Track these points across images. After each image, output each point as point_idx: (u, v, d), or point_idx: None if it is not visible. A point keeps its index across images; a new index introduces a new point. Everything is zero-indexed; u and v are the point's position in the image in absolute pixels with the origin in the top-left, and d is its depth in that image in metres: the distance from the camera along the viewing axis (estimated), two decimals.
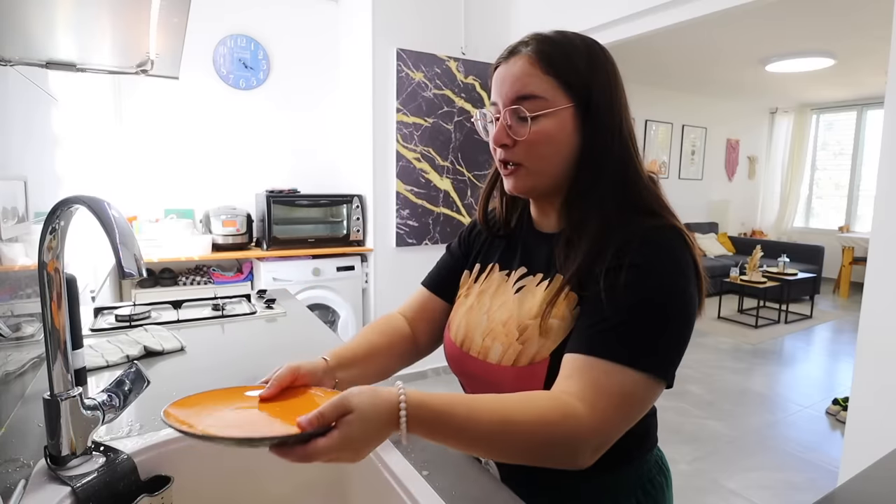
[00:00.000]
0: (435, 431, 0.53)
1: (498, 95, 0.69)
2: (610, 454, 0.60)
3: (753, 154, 7.47)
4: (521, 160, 0.68)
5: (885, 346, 1.67)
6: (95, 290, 1.93)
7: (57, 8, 0.73)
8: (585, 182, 0.67)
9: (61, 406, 0.62)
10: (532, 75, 0.66)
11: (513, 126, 0.67)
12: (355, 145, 3.42)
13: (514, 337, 0.69)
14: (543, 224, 0.76)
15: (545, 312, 0.67)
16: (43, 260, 0.61)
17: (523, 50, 0.67)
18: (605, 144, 0.67)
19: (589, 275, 0.64)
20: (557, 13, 3.13)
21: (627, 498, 0.72)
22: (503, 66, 0.69)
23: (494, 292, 0.76)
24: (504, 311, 0.72)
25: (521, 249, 0.77)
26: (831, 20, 3.71)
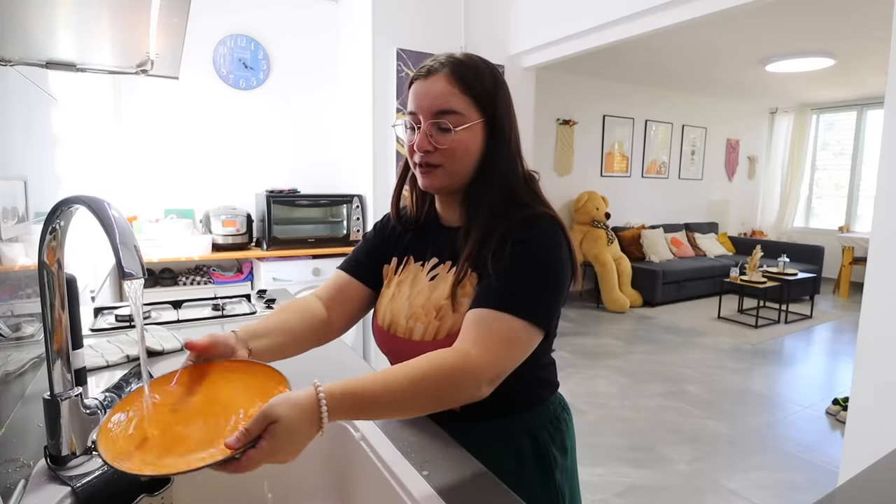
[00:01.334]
0: (356, 412, 0.62)
1: (418, 107, 0.80)
2: (523, 396, 0.85)
3: (753, 154, 7.47)
4: (440, 163, 0.80)
5: (885, 345, 1.67)
6: (95, 290, 1.93)
7: (57, 8, 0.73)
8: (483, 182, 0.82)
9: (61, 406, 0.62)
10: (452, 93, 0.78)
11: (433, 135, 0.79)
12: (355, 145, 3.42)
13: (432, 316, 0.82)
14: (448, 218, 0.90)
15: (454, 292, 0.80)
16: (43, 260, 0.61)
17: (441, 70, 0.79)
18: (501, 151, 0.82)
19: (479, 256, 0.78)
20: (557, 13, 3.13)
21: (540, 431, 0.87)
22: (422, 82, 0.80)
23: (412, 281, 0.88)
24: (422, 297, 0.84)
25: (432, 242, 0.90)
26: (831, 20, 3.71)
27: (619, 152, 6.09)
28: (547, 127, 5.43)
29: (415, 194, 0.93)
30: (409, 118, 0.83)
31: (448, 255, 0.86)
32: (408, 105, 0.83)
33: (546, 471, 0.87)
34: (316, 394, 0.58)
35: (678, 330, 4.60)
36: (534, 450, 0.86)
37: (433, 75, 0.79)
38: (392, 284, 0.90)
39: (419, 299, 0.84)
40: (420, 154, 0.80)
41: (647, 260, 5.70)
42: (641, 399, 3.11)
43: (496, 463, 0.77)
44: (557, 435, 0.89)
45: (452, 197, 0.87)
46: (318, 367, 1.08)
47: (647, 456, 2.46)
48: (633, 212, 6.21)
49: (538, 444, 0.86)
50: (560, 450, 0.89)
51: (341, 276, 0.96)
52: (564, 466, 0.89)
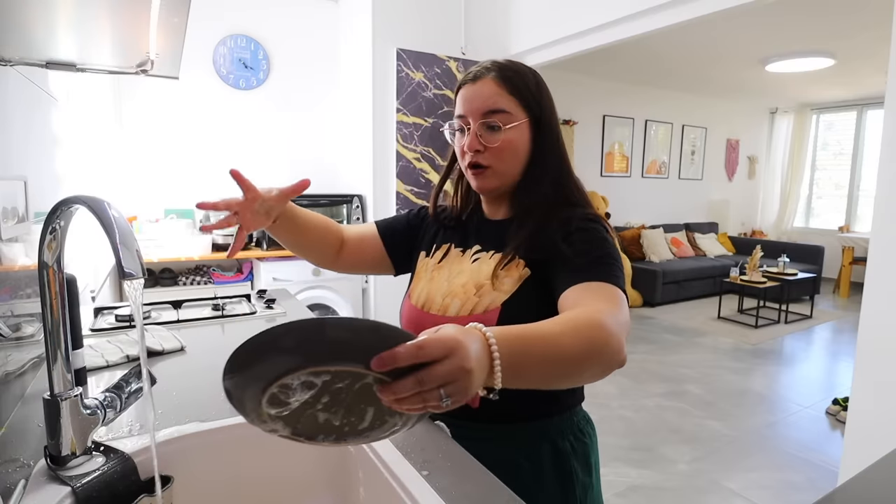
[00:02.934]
0: (522, 366, 0.52)
1: (467, 110, 0.83)
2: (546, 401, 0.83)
3: (753, 154, 7.47)
4: (490, 163, 0.83)
5: (885, 345, 1.67)
6: (95, 290, 1.93)
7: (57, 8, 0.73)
8: (534, 179, 0.85)
9: (61, 406, 0.62)
10: (499, 94, 0.82)
11: (483, 135, 0.83)
12: (355, 145, 3.42)
13: (471, 293, 0.84)
14: (494, 214, 0.93)
15: (498, 273, 0.82)
16: (43, 260, 0.61)
17: (488, 74, 0.83)
18: (551, 151, 0.86)
19: (533, 243, 0.81)
20: (557, 13, 3.13)
21: (562, 440, 0.85)
22: (470, 86, 0.84)
23: (453, 264, 0.91)
24: (463, 276, 0.87)
25: (475, 233, 0.93)
26: (831, 20, 3.71)
27: (619, 152, 6.09)
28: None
29: (460, 192, 0.97)
30: (457, 122, 0.86)
31: (493, 244, 0.87)
32: (456, 110, 0.86)
33: (566, 482, 0.84)
34: (485, 336, 0.49)
35: (678, 330, 4.60)
36: (554, 458, 0.84)
37: (481, 79, 0.83)
38: (430, 269, 0.93)
39: (460, 279, 0.86)
40: (471, 155, 0.83)
41: (647, 260, 5.70)
42: (641, 399, 3.11)
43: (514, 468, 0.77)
44: (580, 447, 0.87)
45: (501, 196, 0.90)
46: None
47: (647, 456, 2.46)
48: (633, 212, 6.20)
49: (559, 453, 0.84)
50: (582, 464, 0.86)
51: (370, 227, 1.03)
52: (587, 483, 0.86)
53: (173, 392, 0.93)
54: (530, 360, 0.53)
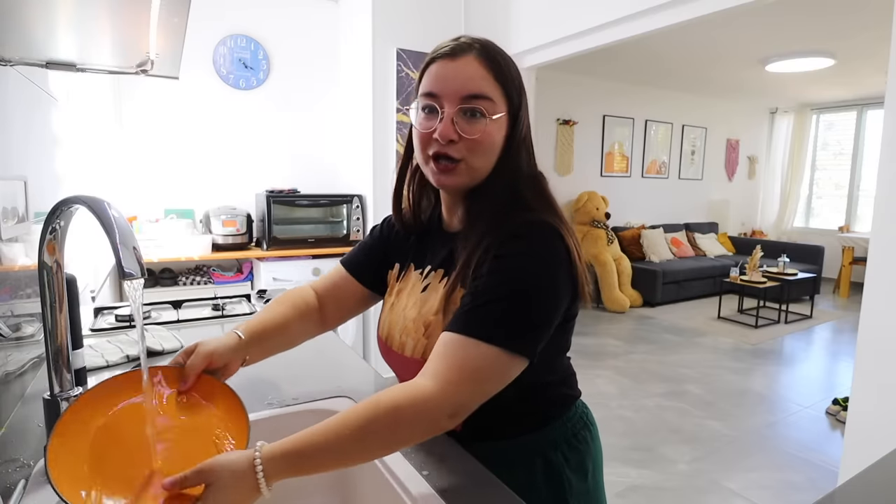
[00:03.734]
0: (301, 470, 0.58)
1: (442, 90, 0.70)
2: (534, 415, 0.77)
3: (753, 154, 7.47)
4: (462, 157, 0.70)
5: (885, 346, 1.67)
6: (95, 290, 1.93)
7: (57, 8, 0.73)
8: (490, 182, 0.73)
9: (61, 406, 0.62)
10: (484, 78, 0.69)
11: (459, 123, 0.69)
12: (355, 145, 3.42)
13: (421, 332, 0.75)
14: (449, 221, 0.81)
15: (444, 308, 0.72)
16: (43, 260, 0.61)
17: (470, 51, 0.70)
18: (517, 151, 0.74)
19: (468, 267, 0.70)
20: (557, 13, 3.13)
21: (553, 452, 0.78)
22: (447, 62, 0.70)
23: (410, 291, 0.81)
24: (414, 309, 0.78)
25: (432, 248, 0.82)
26: (831, 20, 3.71)
27: (619, 152, 6.09)
28: (547, 127, 5.43)
29: (412, 194, 0.84)
30: (424, 100, 0.71)
31: (441, 263, 0.78)
32: (423, 87, 0.72)
33: (558, 496, 0.77)
34: (253, 458, 0.56)
35: (678, 330, 4.60)
36: (546, 472, 0.77)
37: (462, 56, 0.70)
38: (392, 293, 0.84)
39: (412, 312, 0.78)
40: (439, 144, 0.70)
41: (647, 260, 5.70)
42: (641, 399, 3.11)
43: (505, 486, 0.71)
44: (573, 455, 0.80)
45: (459, 198, 0.78)
46: (317, 368, 1.08)
47: (647, 456, 2.46)
48: (633, 212, 6.21)
49: (551, 467, 0.77)
50: (576, 472, 0.79)
51: (340, 272, 0.92)
52: (582, 490, 0.80)
53: None
54: (305, 469, 0.59)
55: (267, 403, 0.87)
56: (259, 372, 1.07)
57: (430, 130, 0.71)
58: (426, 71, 0.72)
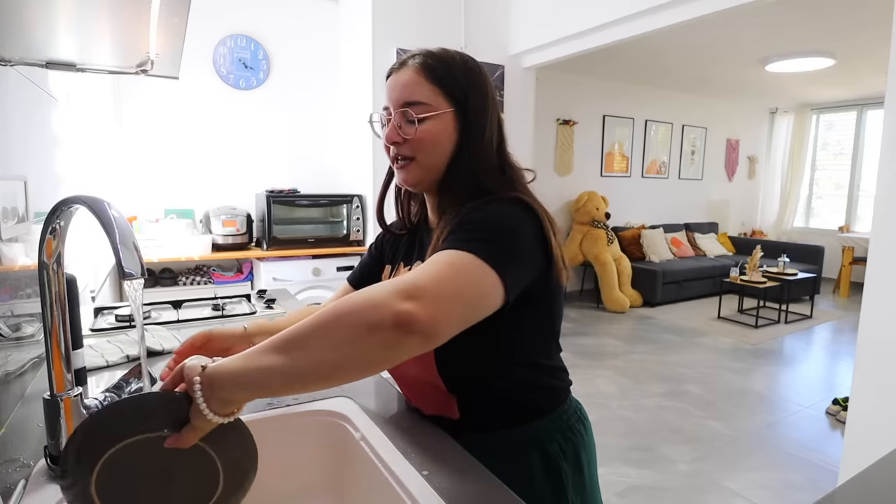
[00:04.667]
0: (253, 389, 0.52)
1: (389, 100, 0.80)
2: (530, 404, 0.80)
3: (753, 154, 7.47)
4: (412, 155, 0.79)
5: (885, 346, 1.67)
6: (95, 290, 1.93)
7: (57, 8, 0.73)
8: (453, 175, 0.80)
9: (61, 406, 0.62)
10: (418, 84, 0.78)
11: (402, 126, 0.79)
12: (355, 145, 3.42)
13: None
14: (433, 220, 0.87)
15: None
16: (43, 260, 0.61)
17: (411, 62, 0.79)
18: (471, 143, 0.79)
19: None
20: (557, 13, 3.13)
21: (550, 443, 0.81)
22: (394, 74, 0.80)
23: None
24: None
25: (419, 245, 0.88)
26: (831, 20, 3.71)
27: (619, 152, 6.09)
28: (547, 127, 5.43)
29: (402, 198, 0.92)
30: (383, 113, 0.83)
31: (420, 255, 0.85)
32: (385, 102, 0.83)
33: (557, 486, 0.80)
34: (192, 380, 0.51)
35: (678, 330, 4.60)
36: (544, 463, 0.80)
37: (404, 67, 0.80)
38: None
39: None
40: (393, 147, 0.81)
41: (647, 260, 5.70)
42: (641, 399, 3.11)
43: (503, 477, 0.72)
44: (569, 447, 0.82)
45: (433, 196, 0.86)
46: None
47: (647, 456, 2.46)
48: (633, 212, 6.21)
49: (548, 457, 0.80)
50: (572, 464, 0.82)
51: (347, 289, 0.98)
52: (578, 482, 0.83)
53: None
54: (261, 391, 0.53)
55: (267, 403, 0.88)
56: None
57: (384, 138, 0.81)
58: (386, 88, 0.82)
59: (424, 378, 0.80)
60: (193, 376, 0.51)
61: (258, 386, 0.52)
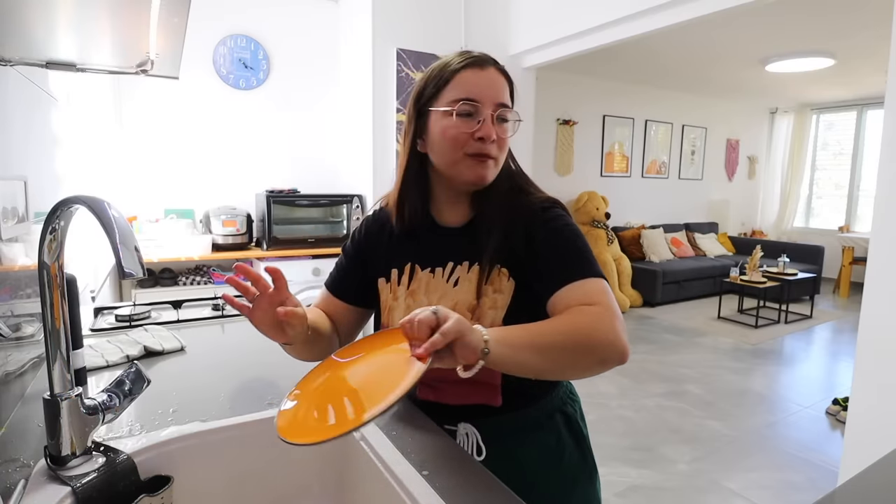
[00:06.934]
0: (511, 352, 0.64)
1: (480, 95, 0.79)
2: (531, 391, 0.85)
3: (753, 154, 7.47)
4: (496, 156, 0.81)
5: (885, 346, 1.67)
6: (95, 290, 1.94)
7: (57, 8, 0.73)
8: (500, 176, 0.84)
9: (61, 406, 0.62)
10: (504, 87, 0.82)
11: (495, 125, 0.80)
12: (355, 145, 3.42)
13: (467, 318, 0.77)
14: (449, 219, 0.88)
15: (485, 290, 0.80)
16: (43, 260, 0.61)
17: (492, 65, 0.82)
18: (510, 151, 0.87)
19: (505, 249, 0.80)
20: (557, 13, 3.13)
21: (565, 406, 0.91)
22: (477, 71, 0.80)
23: (426, 289, 0.85)
24: (447, 301, 0.82)
25: (434, 245, 0.87)
26: (831, 20, 3.71)
27: (619, 152, 6.09)
28: (547, 127, 5.43)
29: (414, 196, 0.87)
30: (462, 105, 0.79)
31: (463, 256, 0.84)
32: (456, 93, 0.79)
33: (580, 441, 0.90)
34: (482, 331, 0.63)
35: (678, 330, 4.60)
36: (567, 425, 0.89)
37: (487, 67, 0.81)
38: (400, 296, 0.86)
39: (445, 302, 0.81)
40: (481, 144, 0.79)
41: (647, 260, 5.70)
42: (641, 399, 3.11)
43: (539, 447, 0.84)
44: (577, 406, 0.93)
45: (465, 193, 0.86)
46: None
47: (647, 456, 2.46)
48: (633, 212, 6.21)
49: (569, 419, 0.89)
50: (581, 420, 0.93)
51: (326, 295, 0.96)
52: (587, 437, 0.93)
53: (173, 392, 0.93)
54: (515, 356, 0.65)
55: (267, 403, 0.88)
56: (259, 372, 1.07)
57: (471, 131, 0.79)
58: (453, 79, 0.80)
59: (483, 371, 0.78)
60: (480, 347, 0.61)
61: (508, 370, 0.66)
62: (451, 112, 0.79)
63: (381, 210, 0.94)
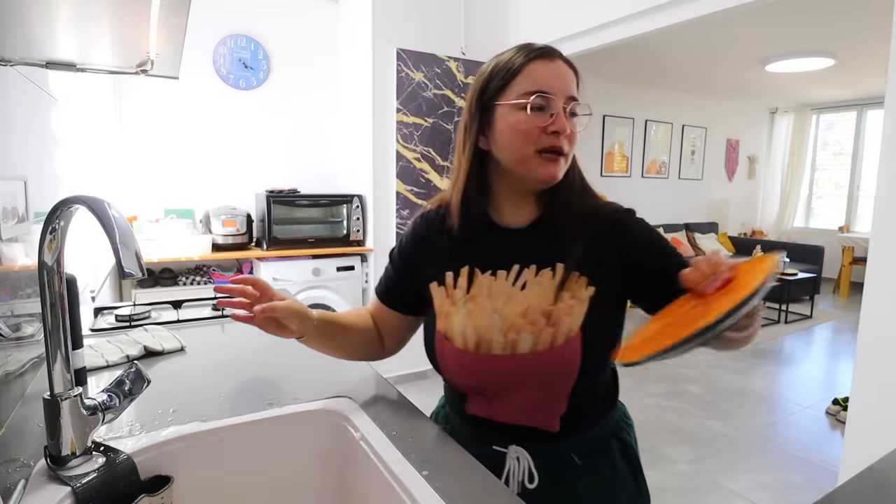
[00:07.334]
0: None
1: (553, 88, 0.75)
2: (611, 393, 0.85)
3: (753, 154, 7.47)
4: (567, 150, 0.77)
5: (885, 345, 1.67)
6: (95, 290, 1.94)
7: (57, 8, 0.73)
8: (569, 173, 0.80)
9: (61, 406, 0.62)
10: (573, 80, 0.77)
11: (568, 119, 0.76)
12: (355, 145, 3.42)
13: (541, 324, 0.75)
14: (512, 219, 0.82)
15: (562, 296, 0.76)
16: (43, 260, 0.61)
17: (558, 56, 0.78)
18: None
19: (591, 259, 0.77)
20: (558, 13, 3.13)
21: (621, 431, 0.86)
22: (547, 62, 0.76)
23: (489, 294, 0.79)
24: (516, 305, 0.77)
25: (498, 248, 0.82)
26: (831, 20, 3.71)
27: (619, 152, 6.09)
28: None
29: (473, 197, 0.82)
30: (536, 98, 0.74)
31: (530, 258, 0.79)
32: (527, 85, 0.75)
33: (636, 471, 0.86)
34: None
35: None
36: (622, 451, 0.84)
37: (555, 59, 0.77)
38: (458, 301, 0.81)
39: (513, 309, 0.77)
40: (554, 138, 0.75)
41: None
42: (641, 399, 3.11)
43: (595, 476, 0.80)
44: (632, 432, 0.88)
45: (528, 194, 0.82)
46: (317, 368, 1.08)
47: (647, 456, 2.46)
48: None
49: (625, 446, 0.85)
50: (636, 445, 0.88)
51: (376, 302, 0.95)
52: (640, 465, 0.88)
53: (173, 392, 0.93)
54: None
55: (267, 403, 0.88)
56: (259, 372, 1.07)
57: (543, 125, 0.74)
58: (522, 70, 0.76)
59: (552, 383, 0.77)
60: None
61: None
62: (524, 105, 0.74)
63: (430, 212, 0.89)
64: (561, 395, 0.77)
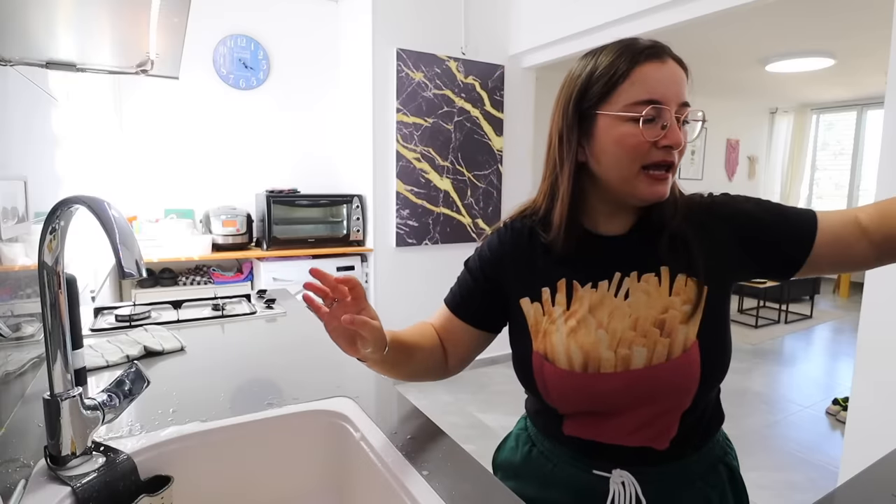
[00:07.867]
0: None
1: (665, 96, 0.66)
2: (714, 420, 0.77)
3: (753, 154, 7.47)
4: (677, 165, 0.69)
5: (885, 345, 1.67)
6: (95, 290, 1.94)
7: (57, 8, 0.73)
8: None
9: (61, 406, 0.62)
10: (685, 83, 0.69)
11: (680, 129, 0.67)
12: (355, 145, 3.42)
13: (655, 335, 0.69)
14: (608, 227, 0.76)
15: (672, 302, 0.70)
16: (43, 260, 0.61)
17: (668, 55, 0.69)
18: None
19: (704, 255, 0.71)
20: (557, 13, 3.13)
21: (727, 457, 0.80)
22: (658, 65, 0.67)
23: (591, 306, 0.73)
24: (623, 318, 0.71)
25: (596, 258, 0.74)
26: (831, 20, 3.70)
27: None
28: (547, 127, 5.42)
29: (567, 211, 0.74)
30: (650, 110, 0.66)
31: (631, 266, 0.72)
32: (639, 93, 0.66)
33: (742, 498, 0.81)
34: None
35: None
36: (730, 479, 0.78)
37: (666, 59, 0.67)
38: (557, 318, 0.74)
39: (622, 322, 0.70)
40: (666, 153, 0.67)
41: None
42: None
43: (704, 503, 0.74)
44: (735, 456, 0.82)
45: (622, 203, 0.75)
46: (317, 368, 1.08)
47: None
48: None
49: (733, 473, 0.79)
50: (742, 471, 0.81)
51: (446, 312, 0.84)
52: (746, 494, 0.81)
53: (173, 392, 0.93)
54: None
55: (267, 403, 0.88)
56: (259, 372, 1.07)
57: (654, 139, 0.66)
58: (630, 75, 0.67)
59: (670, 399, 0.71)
60: None
61: None
62: (636, 118, 0.66)
63: (516, 221, 0.81)
64: (676, 412, 0.71)
